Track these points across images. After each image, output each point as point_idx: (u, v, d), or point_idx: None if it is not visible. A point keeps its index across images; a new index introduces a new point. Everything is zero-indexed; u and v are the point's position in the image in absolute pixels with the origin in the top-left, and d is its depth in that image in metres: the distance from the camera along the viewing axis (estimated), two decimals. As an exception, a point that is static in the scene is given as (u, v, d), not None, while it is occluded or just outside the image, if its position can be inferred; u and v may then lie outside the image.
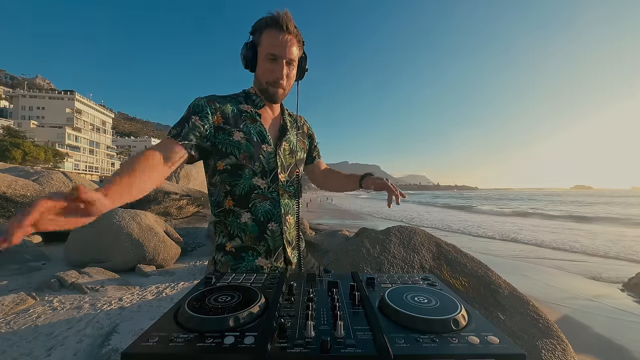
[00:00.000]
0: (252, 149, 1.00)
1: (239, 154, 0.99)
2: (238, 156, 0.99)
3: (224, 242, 1.03)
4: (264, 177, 1.02)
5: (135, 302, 3.23)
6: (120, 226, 4.36)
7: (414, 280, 0.73)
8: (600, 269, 5.95)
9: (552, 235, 10.60)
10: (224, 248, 1.03)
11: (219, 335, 0.45)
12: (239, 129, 1.00)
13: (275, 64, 0.99)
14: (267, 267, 1.02)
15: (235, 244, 1.01)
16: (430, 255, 2.57)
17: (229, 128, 0.99)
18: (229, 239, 1.02)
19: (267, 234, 1.02)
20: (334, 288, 0.64)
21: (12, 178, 4.62)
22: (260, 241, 1.02)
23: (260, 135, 1.04)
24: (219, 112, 0.99)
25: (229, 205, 1.01)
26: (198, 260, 5.10)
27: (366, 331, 0.48)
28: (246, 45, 1.02)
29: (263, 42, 0.99)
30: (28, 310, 2.88)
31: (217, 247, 1.05)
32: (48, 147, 47.84)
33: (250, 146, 1.00)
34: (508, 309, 2.14)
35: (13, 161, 35.55)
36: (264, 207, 1.02)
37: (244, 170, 0.99)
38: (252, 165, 1.00)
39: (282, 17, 0.96)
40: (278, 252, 1.04)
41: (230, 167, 0.99)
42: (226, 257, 1.02)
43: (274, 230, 1.03)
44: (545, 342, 1.89)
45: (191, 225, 7.42)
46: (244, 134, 1.00)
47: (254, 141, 1.01)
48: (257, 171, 1.01)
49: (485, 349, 0.43)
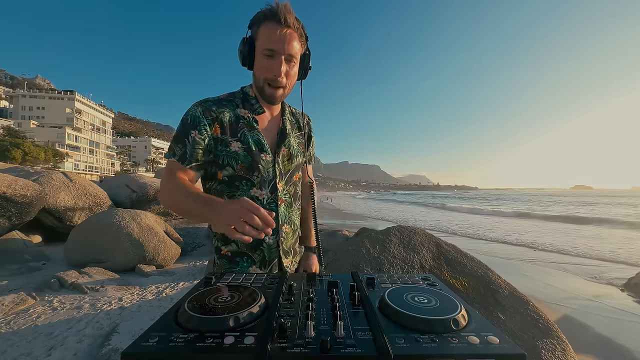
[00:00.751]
0: (250, 160, 0.96)
1: (237, 165, 0.96)
2: (235, 167, 0.96)
3: (219, 246, 1.03)
4: (262, 188, 0.99)
5: (135, 302, 3.23)
6: (120, 226, 4.36)
7: (414, 280, 0.73)
8: (600, 269, 5.95)
9: (549, 236, 10.61)
10: (220, 251, 1.03)
11: (219, 335, 0.45)
12: (237, 139, 0.96)
13: (272, 60, 0.91)
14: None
15: (232, 248, 1.01)
16: (430, 255, 2.57)
17: (226, 138, 0.95)
18: (225, 243, 1.02)
19: (262, 245, 1.00)
20: (334, 288, 0.64)
21: (12, 178, 4.62)
22: (255, 250, 1.00)
23: (259, 144, 0.98)
24: (216, 122, 0.94)
25: None
26: (198, 260, 5.10)
27: (366, 331, 0.48)
28: (243, 41, 0.94)
29: (260, 37, 0.91)
30: (28, 310, 2.88)
31: (215, 250, 1.05)
32: (48, 147, 47.84)
33: (249, 156, 0.96)
34: (508, 309, 2.14)
35: (13, 161, 35.55)
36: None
37: (241, 181, 0.97)
38: (250, 177, 0.97)
39: (280, 9, 0.87)
40: (273, 263, 1.03)
41: (227, 178, 0.97)
42: (221, 261, 1.02)
43: (270, 243, 1.01)
44: (545, 342, 1.89)
45: (191, 225, 7.42)
46: (242, 144, 0.96)
47: (252, 151, 0.97)
48: (256, 182, 0.98)
49: (485, 349, 0.43)
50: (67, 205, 5.70)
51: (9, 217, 4.57)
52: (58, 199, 5.60)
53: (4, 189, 4.36)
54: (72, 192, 5.94)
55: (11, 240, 4.86)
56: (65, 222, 5.65)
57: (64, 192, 5.78)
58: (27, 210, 4.78)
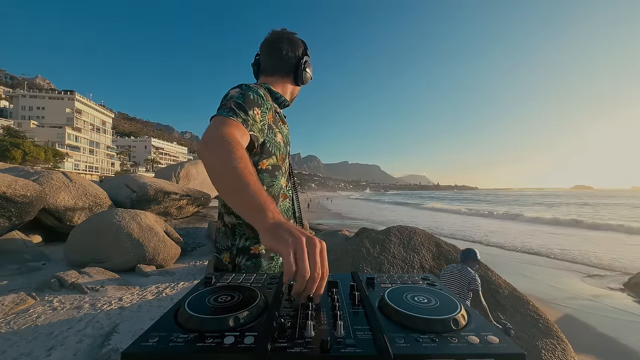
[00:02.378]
0: (285, 151, 1.04)
1: (278, 155, 1.01)
2: (277, 157, 1.00)
3: (248, 245, 0.95)
4: (285, 177, 1.06)
5: (135, 302, 3.23)
6: (120, 226, 4.36)
7: (414, 280, 0.73)
8: (600, 269, 5.95)
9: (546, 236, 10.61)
10: (249, 251, 0.95)
11: (219, 335, 0.45)
12: (279, 130, 1.01)
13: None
14: None
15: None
16: (430, 255, 2.57)
17: (275, 128, 0.99)
18: (257, 241, 0.96)
19: None
20: (333, 288, 0.64)
21: (12, 178, 4.62)
22: None
23: (288, 137, 1.07)
24: (272, 109, 0.98)
25: None
26: (198, 260, 5.10)
27: (366, 331, 0.48)
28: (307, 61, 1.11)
29: (310, 69, 1.12)
30: (28, 310, 2.88)
31: (239, 250, 0.96)
32: (48, 147, 47.83)
33: (285, 148, 1.04)
34: (508, 309, 2.14)
35: (13, 161, 35.55)
36: (285, 205, 1.06)
37: (279, 171, 1.02)
38: (282, 166, 1.03)
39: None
40: None
41: (271, 167, 0.99)
42: (255, 260, 0.95)
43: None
44: (545, 342, 1.89)
45: (191, 225, 7.42)
46: (282, 136, 1.02)
47: (285, 142, 1.04)
48: (284, 171, 1.05)
49: (485, 348, 0.43)
50: (67, 205, 5.70)
51: (9, 217, 4.58)
52: (58, 199, 5.61)
53: (4, 189, 4.36)
54: (72, 192, 5.94)
55: (11, 240, 4.86)
56: (65, 222, 5.66)
57: (64, 192, 5.78)
58: (27, 210, 4.78)
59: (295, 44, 1.09)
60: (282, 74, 1.09)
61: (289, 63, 1.08)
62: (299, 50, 1.09)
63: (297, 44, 1.10)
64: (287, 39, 1.08)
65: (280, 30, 1.11)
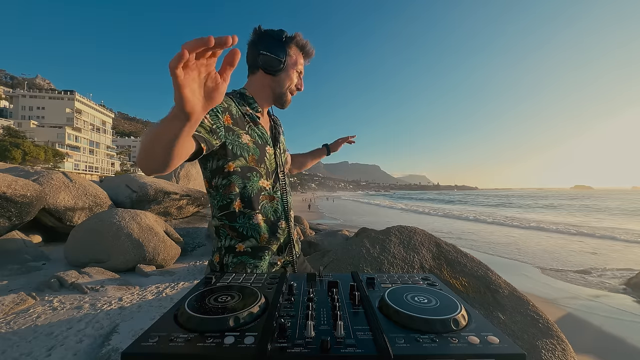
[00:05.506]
0: (259, 152, 1.04)
1: (248, 156, 1.01)
2: (247, 158, 1.01)
3: (233, 244, 1.01)
4: (268, 178, 1.07)
5: (135, 302, 3.23)
6: (120, 226, 4.36)
7: (414, 280, 0.73)
8: (600, 269, 5.95)
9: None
10: (234, 250, 1.01)
11: (219, 335, 0.45)
12: (245, 132, 1.02)
13: (300, 78, 1.15)
14: (280, 262, 1.08)
15: (250, 244, 1.01)
16: (430, 255, 2.57)
17: (237, 130, 0.99)
18: (241, 240, 1.01)
19: (279, 232, 1.07)
20: (334, 288, 0.64)
21: (12, 178, 4.61)
22: (273, 240, 1.05)
23: (263, 138, 1.08)
24: (227, 112, 0.96)
25: (238, 207, 1.00)
26: (198, 260, 5.10)
27: (366, 331, 0.48)
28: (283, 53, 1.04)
29: (297, 59, 1.10)
30: (28, 310, 2.88)
31: (227, 250, 1.02)
32: (48, 147, 47.83)
33: (257, 149, 1.04)
34: (508, 309, 2.14)
35: (13, 161, 35.57)
36: (272, 207, 1.07)
37: (252, 172, 1.03)
38: (259, 168, 1.04)
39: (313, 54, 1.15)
40: (288, 247, 1.10)
41: (240, 169, 1.00)
42: (241, 258, 1.01)
43: (283, 227, 1.09)
44: (545, 342, 1.89)
45: (191, 225, 7.42)
46: (250, 137, 1.03)
47: (259, 144, 1.05)
48: (263, 173, 1.05)
49: (485, 349, 0.43)
50: (67, 205, 5.70)
51: (9, 217, 4.57)
52: (58, 199, 5.61)
53: (4, 189, 4.36)
54: (72, 192, 5.94)
55: (11, 240, 4.86)
56: (65, 222, 5.66)
57: (64, 192, 5.78)
58: (27, 210, 4.78)
59: (260, 37, 1.06)
60: (253, 70, 1.11)
61: (253, 56, 1.08)
62: (264, 43, 1.05)
63: (263, 37, 1.06)
64: (253, 35, 1.07)
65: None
